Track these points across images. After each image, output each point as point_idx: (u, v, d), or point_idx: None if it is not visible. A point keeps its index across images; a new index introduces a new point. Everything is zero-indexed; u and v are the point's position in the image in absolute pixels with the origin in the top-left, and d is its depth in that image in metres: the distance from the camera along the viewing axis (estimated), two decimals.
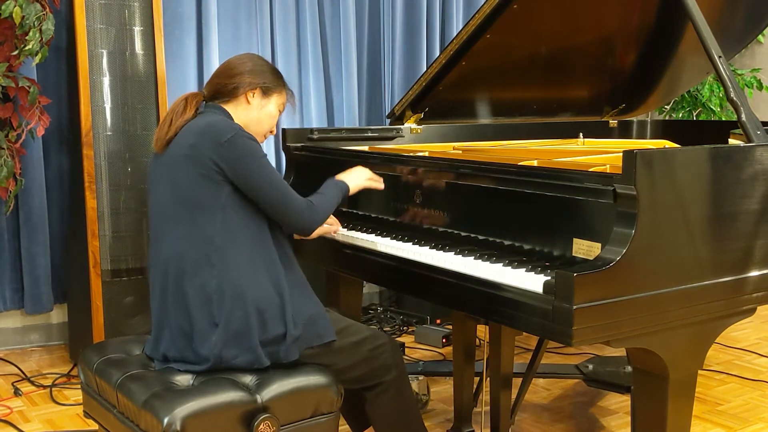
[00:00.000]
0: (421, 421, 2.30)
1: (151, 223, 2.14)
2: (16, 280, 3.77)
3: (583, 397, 3.29)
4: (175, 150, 2.06)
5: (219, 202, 2.00)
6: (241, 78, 2.17)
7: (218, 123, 2.06)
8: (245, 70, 2.18)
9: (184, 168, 2.02)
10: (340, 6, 4.31)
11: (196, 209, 2.00)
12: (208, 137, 2.02)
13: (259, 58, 2.27)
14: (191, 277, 1.98)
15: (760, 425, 3.01)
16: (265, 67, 2.23)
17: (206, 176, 1.99)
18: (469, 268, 1.99)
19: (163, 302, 2.03)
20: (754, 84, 5.15)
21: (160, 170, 2.10)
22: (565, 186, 1.93)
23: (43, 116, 3.35)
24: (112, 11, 3.38)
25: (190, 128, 2.07)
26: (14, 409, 3.13)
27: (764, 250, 2.00)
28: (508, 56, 2.88)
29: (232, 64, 2.22)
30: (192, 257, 1.98)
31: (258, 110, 2.20)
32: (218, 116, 2.12)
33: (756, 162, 1.98)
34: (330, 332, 2.05)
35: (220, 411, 1.82)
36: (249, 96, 2.17)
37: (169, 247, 2.03)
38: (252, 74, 2.19)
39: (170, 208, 2.05)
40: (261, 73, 2.20)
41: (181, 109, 2.12)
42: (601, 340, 1.77)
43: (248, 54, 2.30)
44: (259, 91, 2.19)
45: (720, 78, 2.14)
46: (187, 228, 2.00)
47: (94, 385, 2.07)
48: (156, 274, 2.07)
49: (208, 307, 1.95)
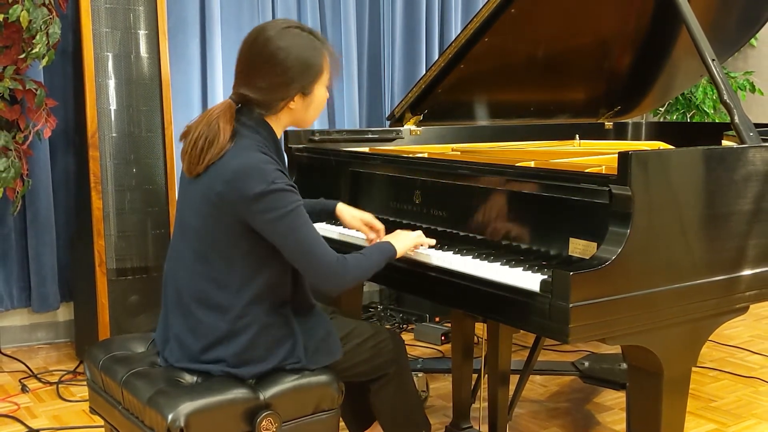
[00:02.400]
0: (423, 413, 2.31)
1: (174, 234, 2.03)
2: (24, 279, 3.77)
3: (579, 394, 3.28)
4: (203, 186, 1.89)
5: (240, 250, 1.89)
6: (275, 92, 1.91)
7: (249, 171, 1.82)
8: (280, 82, 1.89)
9: (208, 210, 1.88)
10: (340, 10, 4.31)
11: (214, 251, 1.90)
12: (236, 189, 1.82)
13: (290, 41, 1.89)
14: (206, 310, 1.91)
15: (752, 421, 3.01)
16: (300, 58, 1.89)
17: (228, 225, 1.86)
18: (467, 267, 1.99)
19: (174, 315, 1.98)
20: (747, 87, 5.15)
21: (189, 194, 1.95)
22: (561, 187, 1.93)
23: (49, 118, 3.35)
24: (118, 15, 3.38)
25: (220, 170, 1.86)
26: (21, 405, 3.13)
27: (757, 249, 2.00)
28: (506, 59, 2.88)
29: (265, 68, 1.89)
30: (205, 297, 1.91)
31: (303, 111, 1.97)
32: (253, 153, 1.85)
33: (749, 163, 1.98)
34: (338, 350, 2.02)
35: (223, 408, 1.82)
36: (290, 105, 1.94)
37: (187, 275, 1.94)
38: (288, 85, 1.90)
39: (191, 236, 1.93)
40: (297, 76, 1.90)
41: (213, 137, 1.87)
42: (596, 338, 1.77)
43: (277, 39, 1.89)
44: (299, 96, 1.93)
45: (713, 81, 2.14)
46: (205, 269, 1.90)
47: (99, 381, 2.07)
48: (170, 290, 2.00)
49: (224, 343, 1.91)
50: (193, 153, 1.90)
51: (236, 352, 1.90)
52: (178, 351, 1.97)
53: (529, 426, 2.95)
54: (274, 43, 1.90)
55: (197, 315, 1.92)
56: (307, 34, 1.95)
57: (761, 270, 2.01)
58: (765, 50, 5.28)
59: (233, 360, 1.90)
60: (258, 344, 1.91)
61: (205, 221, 1.90)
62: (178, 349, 1.97)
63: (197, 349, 1.93)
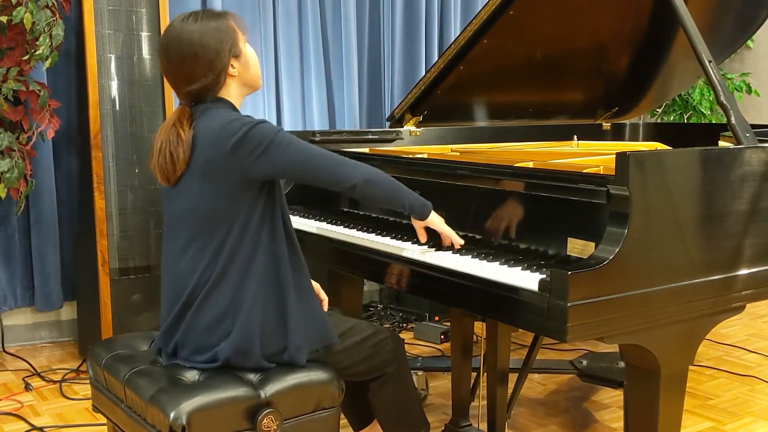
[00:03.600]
0: (422, 411, 2.31)
1: (165, 237, 2.04)
2: (27, 278, 3.77)
3: (578, 392, 3.28)
4: (192, 164, 1.92)
5: (238, 214, 1.90)
6: (211, 72, 1.94)
7: (226, 125, 1.89)
8: (208, 61, 1.92)
9: (200, 183, 1.90)
10: (341, 12, 4.31)
11: (214, 224, 1.91)
12: (221, 145, 1.87)
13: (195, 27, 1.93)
14: (207, 293, 1.92)
15: (748, 419, 3.01)
16: (212, 32, 1.94)
17: (224, 190, 1.89)
18: (466, 266, 1.99)
19: (173, 308, 1.98)
20: (744, 88, 5.15)
21: (175, 191, 1.97)
22: (559, 187, 1.93)
23: (53, 119, 3.35)
24: (120, 17, 3.38)
25: (200, 142, 1.91)
26: (25, 403, 3.13)
27: (753, 249, 2.00)
28: (505, 61, 2.88)
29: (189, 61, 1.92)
30: (208, 274, 1.92)
31: (244, 69, 2.00)
32: (220, 114, 1.93)
33: (745, 163, 1.98)
34: (333, 334, 2.03)
35: (224, 406, 1.82)
36: (230, 72, 1.97)
37: (184, 260, 1.95)
38: (216, 58, 1.93)
39: (187, 222, 1.95)
40: (219, 46, 1.93)
41: (174, 139, 1.91)
42: (594, 337, 1.77)
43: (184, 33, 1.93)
44: (233, 60, 1.96)
45: (710, 82, 2.14)
46: (204, 242, 1.92)
47: (102, 380, 2.07)
48: (168, 284, 2.01)
49: (222, 323, 1.92)
50: (163, 162, 1.93)
51: (241, 324, 1.90)
52: (185, 340, 1.96)
53: (527, 424, 2.95)
54: (184, 37, 1.93)
55: (202, 291, 1.92)
56: (201, 13, 1.98)
57: (757, 269, 2.01)
58: (761, 52, 5.28)
59: (239, 333, 1.90)
60: (257, 312, 1.91)
61: (199, 197, 1.91)
62: (185, 338, 1.96)
63: (204, 327, 1.93)
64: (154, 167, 1.97)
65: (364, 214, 2.58)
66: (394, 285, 2.25)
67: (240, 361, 1.92)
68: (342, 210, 2.65)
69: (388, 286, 2.31)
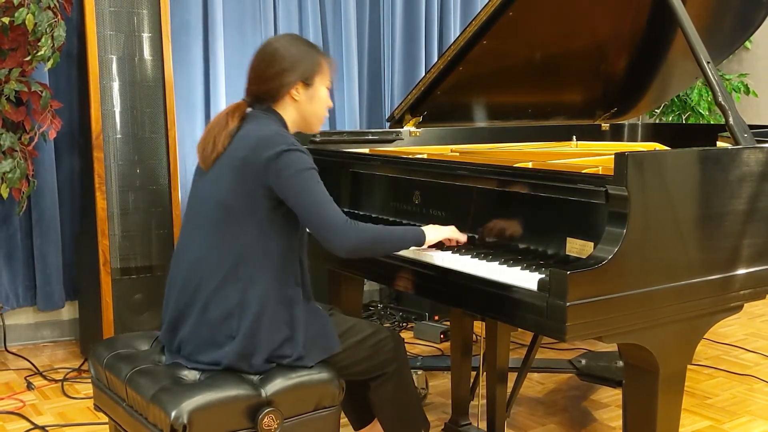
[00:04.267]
0: (421, 410, 2.31)
1: (184, 221, 2.08)
2: (29, 278, 3.77)
3: (576, 391, 3.28)
4: (225, 160, 1.98)
5: (256, 217, 1.93)
6: (277, 80, 2.03)
7: (271, 136, 1.95)
8: (280, 69, 2.02)
9: (230, 178, 1.95)
10: (341, 14, 4.31)
11: (232, 219, 1.94)
12: (260, 151, 1.92)
13: (289, 42, 2.07)
14: (216, 288, 1.93)
15: (746, 418, 3.01)
16: (298, 52, 2.05)
17: (250, 191, 1.92)
18: (466, 266, 1.99)
19: (180, 300, 1.99)
20: (742, 88, 5.15)
21: (207, 177, 2.02)
22: (558, 187, 1.93)
23: (54, 120, 3.35)
24: (122, 18, 3.38)
25: (242, 139, 1.98)
26: (27, 402, 3.13)
27: (751, 249, 2.00)
28: (504, 62, 2.88)
29: (265, 63, 2.04)
30: (220, 268, 1.93)
31: (307, 102, 2.07)
32: (271, 125, 2.01)
33: (743, 164, 1.98)
34: (336, 344, 2.03)
35: (225, 405, 1.82)
36: (293, 94, 2.05)
37: (199, 249, 1.98)
38: (287, 71, 2.02)
39: (209, 209, 1.98)
40: (296, 64, 2.03)
41: (222, 125, 2.01)
42: (593, 336, 1.77)
43: (276, 42, 2.08)
44: (300, 85, 2.05)
45: (708, 83, 2.14)
46: (221, 237, 1.95)
47: (104, 379, 2.07)
48: (178, 273, 2.02)
49: (228, 321, 1.93)
50: (206, 145, 2.02)
51: (246, 327, 1.90)
52: (190, 334, 1.96)
53: (526, 423, 2.95)
54: (274, 44, 2.08)
55: (211, 287, 1.93)
56: (304, 41, 2.13)
57: (755, 269, 2.01)
58: (759, 53, 5.28)
59: (243, 339, 1.90)
60: (264, 321, 1.92)
61: (227, 189, 1.95)
62: (190, 331, 1.96)
63: (210, 323, 1.93)
64: (198, 148, 2.06)
65: (363, 214, 2.58)
66: (394, 285, 2.25)
67: (243, 367, 1.93)
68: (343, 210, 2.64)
69: (388, 285, 2.31)
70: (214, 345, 1.94)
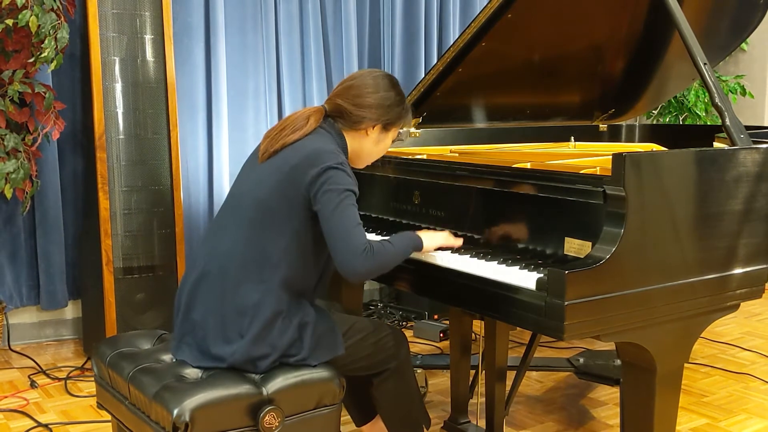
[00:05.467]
0: (422, 406, 2.31)
1: (221, 211, 2.08)
2: (32, 278, 3.77)
3: (575, 389, 3.28)
4: (278, 162, 1.99)
5: (293, 224, 1.95)
6: (365, 111, 2.07)
7: (325, 152, 1.96)
8: (372, 104, 2.07)
9: (276, 181, 1.97)
10: (341, 15, 4.31)
11: (269, 221, 1.95)
12: (309, 163, 1.94)
13: (389, 85, 2.11)
14: (237, 282, 1.94)
15: (743, 416, 3.01)
16: (392, 99, 2.10)
17: (292, 198, 1.94)
18: (465, 266, 1.99)
19: (201, 282, 2.00)
20: (738, 90, 5.15)
21: (256, 172, 2.04)
22: (557, 187, 1.93)
23: (58, 121, 3.35)
24: (124, 20, 3.38)
25: (299, 148, 1.99)
26: (30, 400, 3.13)
27: (747, 248, 2.00)
28: (503, 63, 2.87)
29: (362, 90, 2.08)
30: (246, 264, 1.94)
31: (374, 144, 2.13)
32: (330, 144, 2.02)
33: (739, 164, 1.98)
34: (340, 345, 2.04)
35: (227, 403, 1.82)
36: (369, 130, 2.10)
37: (229, 243, 1.99)
38: (378, 109, 2.08)
39: (248, 206, 2.00)
40: (387, 108, 2.09)
41: (300, 124, 2.03)
42: (591, 335, 1.77)
43: (378, 78, 2.11)
44: (379, 127, 2.10)
45: (705, 84, 2.14)
46: (254, 236, 1.96)
47: (107, 377, 2.07)
48: (203, 257, 2.03)
49: (241, 318, 1.93)
50: (276, 136, 2.03)
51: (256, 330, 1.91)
52: (203, 321, 1.96)
53: (525, 421, 2.95)
54: (385, 80, 2.12)
55: (232, 279, 1.94)
56: (400, 89, 2.15)
57: (751, 269, 2.01)
58: (755, 54, 5.28)
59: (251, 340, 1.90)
60: (275, 327, 1.92)
61: (270, 191, 1.97)
62: (204, 318, 1.96)
63: (224, 314, 1.93)
64: (266, 136, 2.07)
65: (364, 214, 2.58)
66: (394, 284, 2.25)
67: (248, 368, 1.93)
68: None
69: (389, 285, 2.31)
70: (222, 338, 1.94)
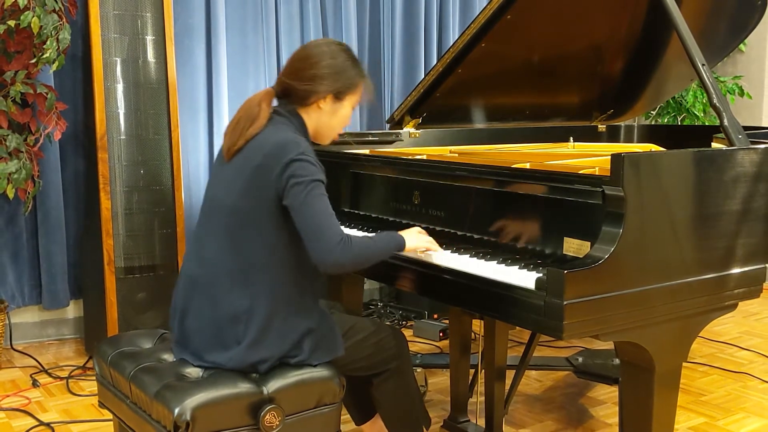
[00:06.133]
0: (423, 406, 2.31)
1: (200, 217, 2.05)
2: (34, 277, 3.77)
3: (573, 388, 3.29)
4: (240, 163, 1.95)
5: (270, 224, 1.91)
6: (313, 84, 1.99)
7: (286, 143, 1.91)
8: (319, 74, 1.99)
9: (243, 183, 1.92)
10: (342, 17, 4.31)
11: (245, 226, 1.92)
12: (273, 159, 1.89)
13: (337, 51, 2.03)
14: (226, 290, 1.92)
15: (740, 415, 3.01)
16: (338, 67, 2.01)
17: (263, 199, 1.90)
18: (465, 265, 1.99)
19: (191, 290, 1.98)
20: (736, 90, 5.15)
21: (224, 174, 1.99)
22: (556, 187, 1.93)
23: (60, 121, 3.35)
24: (126, 21, 3.38)
25: (260, 144, 1.94)
26: (32, 399, 3.13)
27: (745, 248, 2.00)
28: (502, 64, 2.88)
29: (307, 62, 2.01)
30: (231, 271, 1.92)
31: (330, 115, 2.05)
32: (288, 132, 1.96)
33: (737, 165, 1.99)
34: (340, 347, 2.03)
35: (228, 402, 1.82)
36: (320, 103, 2.02)
37: (212, 252, 1.96)
38: (325, 79, 2.00)
39: (223, 214, 1.96)
40: (335, 75, 2.01)
41: (254, 115, 1.97)
42: (590, 334, 1.77)
43: (326, 46, 2.03)
44: (330, 97, 2.02)
45: (703, 85, 2.14)
46: (234, 241, 1.93)
47: (108, 376, 2.07)
48: (191, 266, 2.01)
49: (235, 325, 1.92)
50: (234, 130, 1.98)
51: (252, 336, 1.90)
52: (198, 329, 1.96)
53: (524, 419, 2.95)
54: (323, 47, 2.04)
55: (221, 286, 1.93)
56: (352, 54, 2.08)
57: (749, 268, 2.01)
58: (753, 55, 5.28)
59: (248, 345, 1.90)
60: (271, 330, 1.91)
61: (240, 196, 1.93)
62: (198, 327, 1.96)
63: (218, 321, 1.92)
64: (225, 134, 2.03)
65: (364, 214, 2.58)
66: (394, 284, 2.25)
67: (248, 371, 1.93)
68: (343, 210, 2.65)
69: (389, 284, 2.31)
70: (220, 345, 1.94)
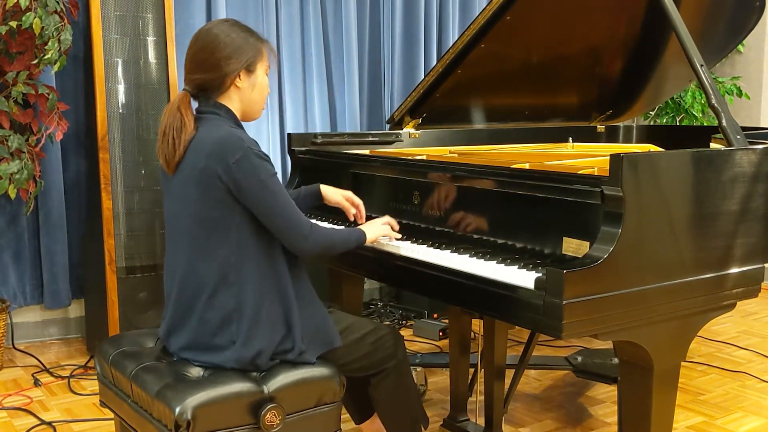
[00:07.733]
0: (420, 405, 2.31)
1: (167, 233, 2.05)
2: (36, 277, 3.78)
3: (572, 388, 3.28)
4: (186, 171, 1.92)
5: (233, 221, 1.90)
6: (220, 68, 1.94)
7: (227, 140, 1.88)
8: (222, 57, 1.94)
9: (195, 190, 1.90)
10: (342, 18, 4.31)
11: (210, 230, 1.91)
12: (217, 159, 1.86)
13: (228, 28, 1.98)
14: (210, 297, 1.92)
15: (739, 414, 3.01)
16: (239, 39, 1.97)
17: (218, 199, 1.88)
18: (464, 265, 1.99)
19: (178, 309, 1.98)
20: (734, 91, 5.15)
21: (173, 188, 1.98)
22: (555, 188, 1.93)
23: (61, 122, 3.35)
24: (127, 22, 3.38)
25: (200, 146, 1.91)
26: (34, 398, 3.13)
27: (744, 248, 2.00)
28: (502, 65, 2.88)
29: (206, 50, 1.95)
30: (210, 277, 1.91)
31: (250, 90, 2.00)
32: (222, 126, 1.94)
33: (736, 165, 1.98)
34: (336, 338, 2.03)
35: (228, 401, 1.82)
36: (237, 83, 1.97)
37: (185, 263, 1.95)
38: (230, 59, 1.95)
39: (185, 225, 1.95)
40: (238, 51, 1.96)
41: (179, 124, 1.92)
42: (589, 334, 1.77)
43: (216, 28, 1.98)
44: (243, 72, 1.97)
45: (702, 85, 2.14)
46: (203, 248, 1.92)
47: (109, 376, 2.07)
48: (171, 284, 2.00)
49: (228, 326, 1.91)
50: (165, 143, 1.94)
51: (245, 331, 1.90)
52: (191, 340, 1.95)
53: (523, 419, 2.95)
54: (214, 31, 1.98)
55: (204, 297, 1.92)
56: (242, 26, 2.03)
57: (747, 268, 2.01)
58: (752, 56, 5.28)
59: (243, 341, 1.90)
60: (261, 321, 1.91)
61: (196, 202, 1.91)
62: (191, 337, 1.95)
63: (210, 330, 1.92)
64: (158, 150, 1.99)
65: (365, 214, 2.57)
66: (393, 283, 2.25)
67: (248, 368, 1.92)
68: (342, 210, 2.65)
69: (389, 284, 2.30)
70: (216, 349, 1.93)
